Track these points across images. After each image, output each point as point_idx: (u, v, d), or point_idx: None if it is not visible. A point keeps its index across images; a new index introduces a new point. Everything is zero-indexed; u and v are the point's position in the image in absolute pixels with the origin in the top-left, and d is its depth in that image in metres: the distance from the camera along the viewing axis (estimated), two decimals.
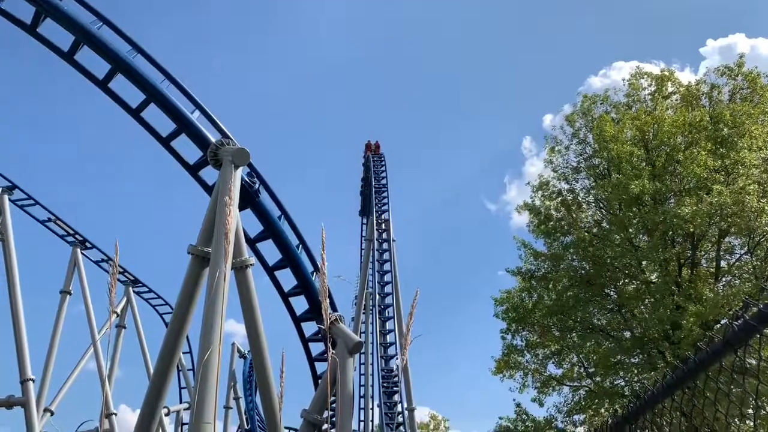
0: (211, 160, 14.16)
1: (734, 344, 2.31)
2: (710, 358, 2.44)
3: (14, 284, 20.70)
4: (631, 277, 21.52)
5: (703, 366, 2.50)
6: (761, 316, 2.15)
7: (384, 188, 36.75)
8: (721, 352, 2.38)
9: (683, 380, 2.68)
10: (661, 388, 2.86)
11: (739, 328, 2.25)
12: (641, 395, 3.10)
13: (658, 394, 2.89)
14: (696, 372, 2.58)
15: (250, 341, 14.24)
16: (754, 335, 2.23)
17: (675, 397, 2.89)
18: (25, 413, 19.90)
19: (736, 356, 2.36)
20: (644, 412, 3.15)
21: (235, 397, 34.83)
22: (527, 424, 23.92)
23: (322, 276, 4.73)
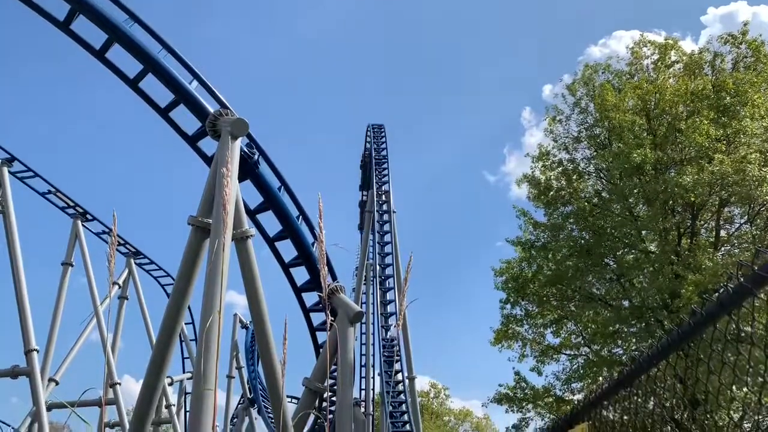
0: (209, 131, 14.11)
1: (728, 306, 2.32)
2: (704, 320, 2.45)
3: (16, 256, 20.75)
4: (631, 247, 21.58)
5: (698, 329, 2.52)
6: (756, 278, 2.15)
7: (384, 160, 36.67)
8: (716, 314, 2.39)
9: (677, 343, 2.70)
10: (656, 351, 2.89)
11: (733, 290, 2.26)
12: (636, 359, 3.13)
13: (652, 357, 2.91)
14: (690, 335, 2.59)
15: (251, 311, 14.35)
16: (748, 297, 2.24)
17: (669, 360, 2.91)
18: (30, 383, 20.12)
19: (730, 318, 2.37)
20: (639, 375, 3.18)
21: (237, 366, 35.18)
22: (526, 392, 24.23)
23: (321, 244, 4.74)
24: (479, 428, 51.53)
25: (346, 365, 15.64)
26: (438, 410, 51.17)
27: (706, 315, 2.44)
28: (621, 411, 3.48)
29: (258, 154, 16.35)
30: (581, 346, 24.21)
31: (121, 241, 29.00)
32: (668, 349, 2.79)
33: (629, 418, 3.44)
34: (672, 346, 2.75)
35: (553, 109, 24.28)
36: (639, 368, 3.11)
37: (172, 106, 15.91)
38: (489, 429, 51.20)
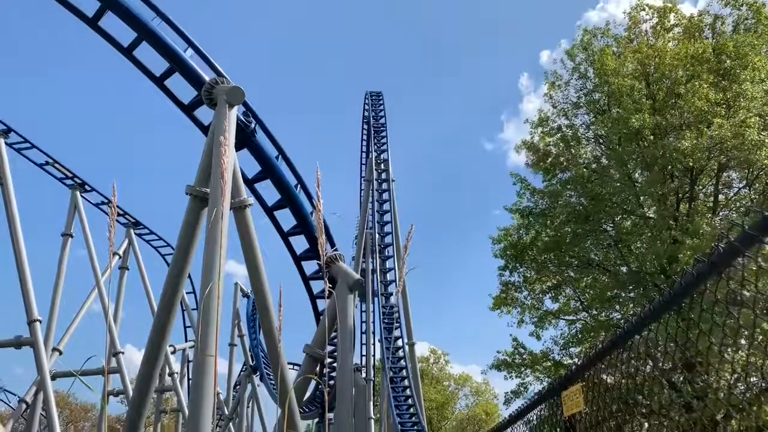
0: (205, 99, 14.01)
1: (719, 265, 2.33)
2: (695, 280, 2.47)
3: (15, 228, 20.79)
4: (629, 213, 21.59)
5: (688, 289, 2.53)
6: (746, 237, 2.16)
7: (383, 128, 36.49)
8: (706, 274, 2.41)
9: (669, 304, 2.72)
10: (648, 312, 2.91)
11: (723, 250, 2.27)
12: (629, 320, 3.16)
13: (645, 318, 2.93)
14: (681, 295, 2.61)
15: (251, 280, 14.43)
16: (738, 256, 2.25)
17: (662, 321, 2.94)
18: (34, 353, 20.35)
19: (721, 278, 2.38)
20: (632, 336, 3.21)
21: (239, 334, 35.56)
22: (524, 358, 24.49)
23: (318, 213, 4.76)
24: (479, 393, 52.26)
25: (346, 332, 15.80)
26: (438, 375, 51.84)
27: (696, 275, 2.46)
28: (614, 372, 3.52)
29: (255, 122, 16.25)
30: (579, 312, 24.41)
31: (120, 211, 29.03)
32: (660, 310, 2.81)
33: (623, 378, 3.48)
34: (664, 307, 2.77)
35: (552, 75, 24.08)
36: (632, 329, 3.14)
37: (168, 74, 15.76)
38: (488, 393, 51.96)
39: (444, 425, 50.57)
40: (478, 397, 52.13)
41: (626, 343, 3.29)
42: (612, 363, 3.46)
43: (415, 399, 26.01)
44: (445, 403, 50.07)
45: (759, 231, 2.11)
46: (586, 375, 3.81)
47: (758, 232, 2.11)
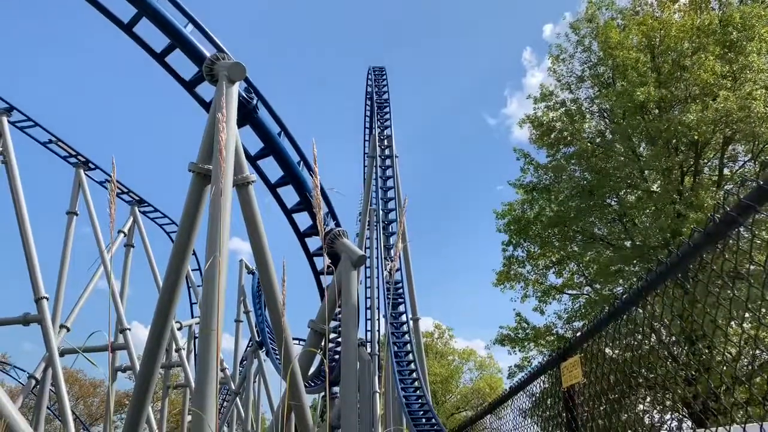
0: (206, 76, 13.91)
1: (714, 236, 2.33)
2: (691, 251, 2.47)
3: (20, 206, 20.84)
4: (633, 187, 21.54)
5: (684, 260, 2.54)
6: (741, 207, 2.15)
7: (386, 103, 36.30)
8: (702, 244, 2.41)
9: (665, 275, 2.72)
10: (644, 284, 2.92)
11: (719, 220, 2.27)
12: (626, 291, 3.17)
13: (641, 290, 2.94)
14: (677, 266, 2.61)
15: (255, 256, 14.46)
16: (734, 226, 2.25)
17: (658, 293, 2.95)
18: (42, 329, 20.55)
19: (716, 248, 2.38)
20: (628, 308, 3.22)
21: (245, 311, 35.80)
22: (527, 332, 24.65)
23: (316, 189, 4.76)
24: (483, 367, 52.67)
25: (350, 307, 15.89)
26: (442, 350, 52.26)
27: (692, 246, 2.46)
28: (612, 344, 3.54)
29: (257, 98, 16.16)
30: (583, 286, 24.51)
31: (124, 189, 29.07)
32: (656, 281, 2.82)
33: (622, 351, 3.50)
34: (660, 278, 2.78)
35: (556, 48, 23.87)
36: (628, 301, 3.15)
37: (168, 51, 15.62)
38: (492, 367, 52.38)
39: (448, 399, 51.10)
40: (482, 371, 52.58)
41: (624, 314, 3.31)
42: (610, 335, 3.48)
43: (419, 373, 26.25)
44: (449, 377, 50.54)
45: (754, 201, 2.10)
46: (584, 347, 3.84)
47: (754, 201, 2.11)
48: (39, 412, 22.33)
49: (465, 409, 49.10)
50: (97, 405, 55.62)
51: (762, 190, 2.05)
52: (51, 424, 37.85)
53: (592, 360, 3.77)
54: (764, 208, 2.08)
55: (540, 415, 4.75)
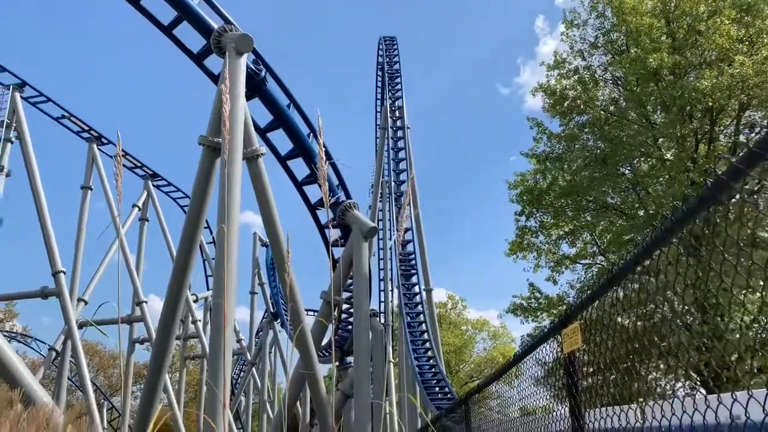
0: (214, 48, 13.88)
1: (707, 201, 2.32)
2: (685, 216, 2.46)
3: (35, 181, 21.06)
4: (647, 155, 21.30)
5: (677, 225, 2.53)
6: (733, 171, 2.13)
7: (397, 74, 36.03)
8: (695, 210, 2.39)
9: (660, 241, 2.71)
10: (640, 250, 2.91)
11: (711, 185, 2.25)
12: (623, 257, 3.16)
13: (637, 256, 2.94)
14: (672, 232, 2.60)
15: (266, 228, 14.58)
16: (726, 191, 2.23)
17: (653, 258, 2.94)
18: (60, 303, 20.94)
19: (708, 212, 2.37)
20: (626, 275, 3.22)
21: (259, 283, 36.17)
22: (540, 302, 24.69)
23: (321, 161, 4.78)
24: (496, 336, 52.98)
25: (361, 278, 16.00)
26: (455, 320, 52.56)
27: (686, 211, 2.44)
28: (610, 309, 3.55)
29: (265, 70, 16.11)
30: (596, 256, 24.44)
31: (137, 163, 29.24)
32: (652, 247, 2.81)
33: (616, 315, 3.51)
34: (655, 244, 2.77)
35: (570, 13, 23.44)
36: (625, 268, 3.15)
37: (176, 23, 15.58)
38: (505, 337, 52.68)
39: (462, 368, 51.57)
40: (495, 341, 52.91)
41: (622, 280, 3.31)
42: (610, 302, 3.49)
43: (432, 343, 26.49)
44: (462, 347, 50.93)
45: (745, 165, 2.08)
46: (584, 313, 3.86)
47: (744, 165, 2.08)
48: (60, 383, 22.84)
49: (478, 378, 49.57)
50: (117, 376, 56.80)
51: (752, 153, 2.03)
52: (72, 394, 38.75)
53: (591, 326, 3.79)
54: (755, 173, 2.05)
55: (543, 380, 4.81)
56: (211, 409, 10.03)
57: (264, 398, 35.94)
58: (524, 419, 5.10)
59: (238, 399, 37.33)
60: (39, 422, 4.70)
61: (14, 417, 4.68)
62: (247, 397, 37.09)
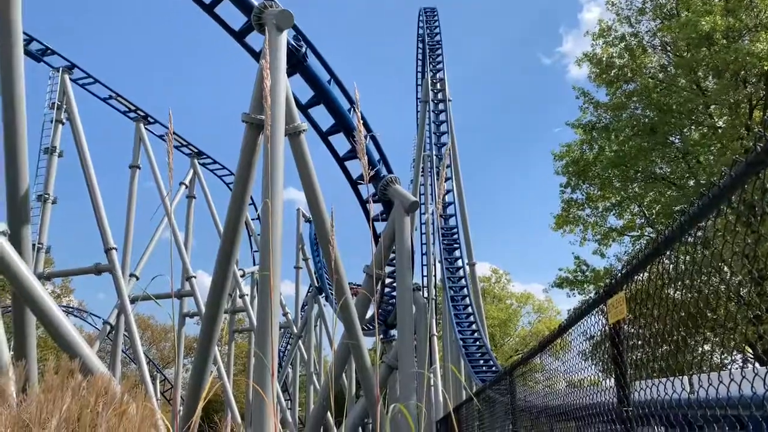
0: (255, 25, 13.93)
1: (756, 166, 2.25)
2: (733, 182, 2.39)
3: (86, 161, 21.69)
4: (698, 123, 20.63)
5: (725, 192, 2.46)
6: None
7: (438, 45, 35.58)
8: (743, 174, 2.33)
9: (708, 208, 2.65)
10: (686, 219, 2.85)
11: (761, 149, 2.18)
12: (669, 226, 3.11)
13: (683, 224, 2.89)
14: (720, 198, 2.54)
15: (309, 203, 14.73)
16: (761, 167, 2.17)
17: (701, 226, 2.88)
18: (113, 278, 21.67)
19: (758, 177, 2.30)
20: (672, 243, 3.17)
21: (303, 258, 36.66)
22: (587, 275, 24.38)
23: (359, 134, 4.77)
24: (541, 310, 52.61)
25: (403, 253, 16.06)
26: (499, 294, 52.35)
27: (734, 176, 2.38)
28: (656, 279, 3.50)
29: (306, 46, 16.13)
30: (645, 227, 23.93)
31: (183, 142, 29.80)
32: (699, 215, 2.75)
33: (663, 286, 3.46)
34: (703, 212, 2.71)
35: None
36: (670, 238, 3.09)
37: (217, 1, 15.68)
38: (551, 310, 52.25)
39: (507, 341, 51.48)
40: (540, 315, 52.56)
41: (668, 249, 3.25)
42: (656, 271, 3.44)
43: (476, 317, 26.48)
44: (507, 321, 50.76)
45: None
46: (628, 283, 3.81)
47: None
48: (115, 355, 23.74)
49: (523, 351, 49.45)
50: (169, 349, 58.69)
51: None
52: (127, 366, 40.22)
53: (636, 296, 3.74)
54: None
55: (589, 352, 4.78)
56: (259, 378, 10.30)
57: (310, 370, 36.66)
58: (569, 390, 5.09)
59: (285, 371, 38.19)
60: (98, 390, 4.92)
61: (75, 385, 4.91)
62: (294, 370, 37.90)
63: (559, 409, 5.26)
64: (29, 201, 12.07)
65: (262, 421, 9.98)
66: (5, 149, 10.81)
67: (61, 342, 9.17)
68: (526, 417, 6.64)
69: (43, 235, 21.75)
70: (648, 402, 3.36)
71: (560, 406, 5.23)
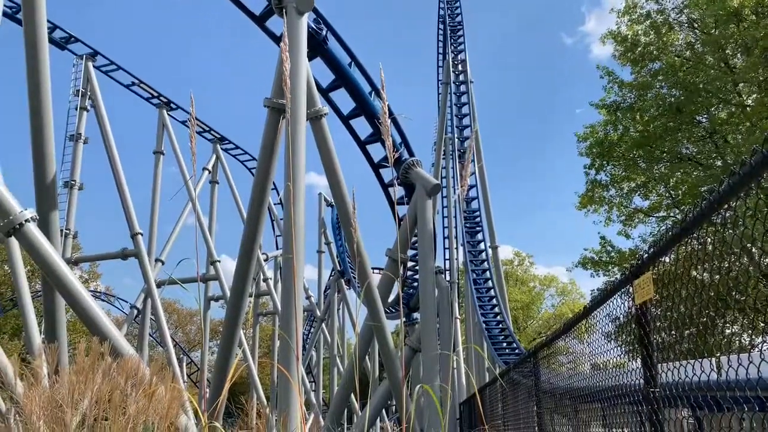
0: (275, 8, 13.88)
1: None
2: (764, 160, 2.35)
3: (111, 148, 21.92)
4: (725, 102, 20.20)
5: (758, 170, 2.42)
6: None
7: (459, 26, 35.24)
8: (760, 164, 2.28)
9: (738, 187, 2.61)
10: (717, 197, 2.81)
11: None
12: (697, 204, 3.07)
13: (713, 203, 2.85)
14: (750, 177, 2.50)
15: (331, 187, 14.75)
16: None
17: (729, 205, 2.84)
18: (140, 263, 21.98)
19: None
20: (701, 223, 3.13)
21: (326, 242, 36.81)
22: (612, 255, 24.17)
23: (384, 115, 4.74)
24: (564, 293, 52.35)
25: (426, 236, 16.04)
26: (522, 277, 52.16)
27: (766, 154, 2.33)
28: (683, 259, 3.46)
29: (326, 29, 16.06)
30: (671, 208, 23.62)
31: (206, 127, 29.98)
32: (729, 195, 2.71)
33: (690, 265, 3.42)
34: (732, 191, 2.66)
35: None
36: (698, 218, 3.05)
37: None
38: (574, 293, 51.98)
39: (530, 324, 51.36)
40: (564, 297, 52.30)
41: (697, 229, 3.21)
42: (684, 251, 3.40)
43: (499, 299, 26.45)
44: (530, 303, 50.63)
45: None
46: (655, 263, 3.77)
47: None
48: (142, 338, 24.15)
49: (547, 334, 49.32)
50: (194, 332, 59.56)
51: None
52: (154, 350, 40.97)
53: (664, 277, 3.70)
54: None
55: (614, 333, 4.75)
56: (284, 360, 10.41)
57: (334, 353, 36.96)
58: (594, 372, 5.07)
59: (309, 354, 38.54)
60: (128, 372, 5.02)
61: (105, 367, 5.02)
62: (317, 353, 38.24)
63: (583, 390, 5.25)
64: (56, 187, 12.24)
65: (288, 402, 10.10)
66: (32, 137, 10.97)
67: (91, 325, 9.34)
68: (550, 398, 6.63)
69: (70, 220, 22.09)
70: (675, 383, 3.33)
71: (584, 388, 5.21)
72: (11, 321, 40.06)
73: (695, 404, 3.27)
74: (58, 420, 4.47)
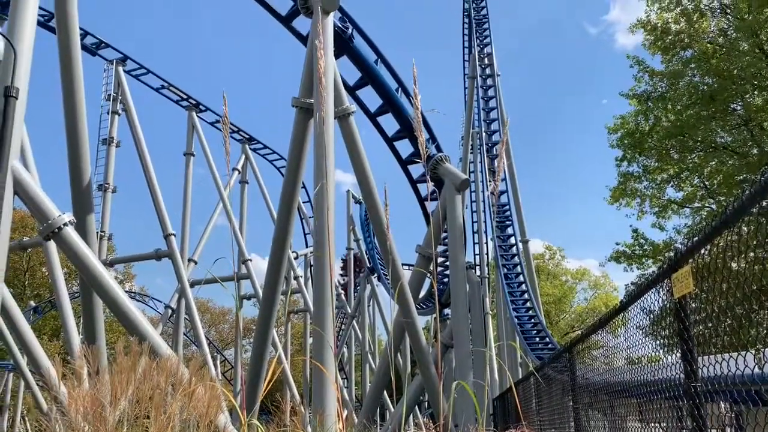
0: (301, 8, 13.97)
1: None
2: None
3: (142, 150, 22.25)
4: (761, 88, 19.73)
5: None
6: None
7: (485, 19, 34.95)
8: None
9: None
10: (759, 187, 2.75)
11: None
12: (738, 197, 3.00)
13: (755, 194, 2.79)
14: None
15: (359, 185, 14.80)
16: None
17: None
18: (173, 263, 22.30)
19: None
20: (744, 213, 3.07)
21: (355, 239, 36.94)
22: (645, 249, 23.80)
23: (416, 111, 4.74)
24: (597, 286, 51.71)
25: (455, 231, 16.00)
26: (554, 271, 51.65)
27: None
28: (724, 253, 3.39)
29: (352, 28, 16.11)
30: (705, 199, 23.17)
31: (234, 128, 30.27)
32: None
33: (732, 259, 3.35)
34: None
35: None
36: (739, 210, 2.99)
37: None
38: (607, 286, 51.32)
39: (562, 318, 50.86)
40: (596, 290, 51.66)
41: (739, 220, 3.15)
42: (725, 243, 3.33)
43: (530, 294, 26.25)
44: (562, 298, 50.11)
45: None
46: (695, 257, 3.71)
47: None
48: (177, 337, 24.55)
49: (580, 328, 48.77)
50: (227, 331, 60.29)
51: None
52: (188, 348, 41.60)
53: (703, 270, 3.63)
54: None
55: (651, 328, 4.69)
56: (318, 355, 10.50)
57: (365, 349, 37.09)
58: (631, 367, 5.01)
59: (340, 351, 38.75)
60: (167, 372, 5.12)
61: (146, 367, 5.12)
62: (349, 349, 38.43)
63: (620, 385, 5.19)
64: (92, 191, 12.50)
65: (323, 397, 10.18)
66: (68, 141, 11.21)
67: (129, 326, 9.53)
68: (586, 393, 6.56)
69: (105, 223, 22.53)
70: (716, 378, 3.28)
71: (621, 383, 5.15)
72: (50, 322, 41.05)
73: (738, 399, 3.22)
74: (102, 419, 4.58)
